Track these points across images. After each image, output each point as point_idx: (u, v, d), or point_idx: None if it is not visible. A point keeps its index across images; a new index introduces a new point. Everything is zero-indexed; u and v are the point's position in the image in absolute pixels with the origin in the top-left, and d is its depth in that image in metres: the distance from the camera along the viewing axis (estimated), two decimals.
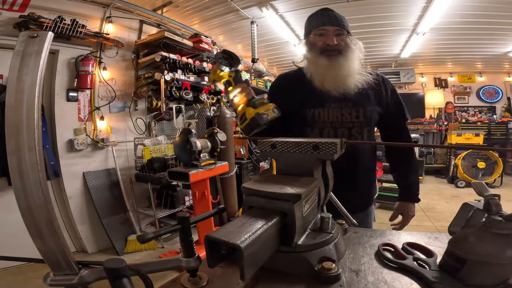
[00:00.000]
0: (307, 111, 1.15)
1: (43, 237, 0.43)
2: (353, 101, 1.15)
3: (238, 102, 0.89)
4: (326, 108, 1.14)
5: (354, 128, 1.15)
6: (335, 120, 1.14)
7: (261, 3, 3.47)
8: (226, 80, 0.91)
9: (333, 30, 1.11)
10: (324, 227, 0.61)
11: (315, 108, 1.14)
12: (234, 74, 0.91)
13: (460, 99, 6.87)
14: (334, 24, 1.11)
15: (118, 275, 0.40)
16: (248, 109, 0.86)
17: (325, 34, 1.12)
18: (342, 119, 1.14)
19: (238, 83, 0.90)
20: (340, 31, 1.12)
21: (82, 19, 2.89)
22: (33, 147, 0.41)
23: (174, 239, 3.28)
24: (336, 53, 1.11)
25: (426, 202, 4.51)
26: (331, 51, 1.11)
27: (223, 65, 0.91)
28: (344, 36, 1.13)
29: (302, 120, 1.16)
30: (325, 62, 1.11)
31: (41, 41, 0.44)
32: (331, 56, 1.11)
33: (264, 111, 0.86)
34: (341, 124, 1.14)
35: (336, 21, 1.12)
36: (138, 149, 3.26)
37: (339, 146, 0.63)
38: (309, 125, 1.15)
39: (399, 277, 0.53)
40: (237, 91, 0.89)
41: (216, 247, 0.47)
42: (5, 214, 2.48)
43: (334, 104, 1.14)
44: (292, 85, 1.22)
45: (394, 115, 1.26)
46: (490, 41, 4.66)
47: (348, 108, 1.14)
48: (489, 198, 0.52)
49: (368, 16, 3.83)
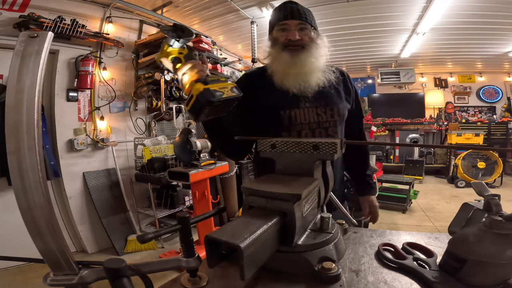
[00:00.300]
0: (281, 113, 1.06)
1: (43, 237, 0.43)
2: (326, 99, 1.10)
3: (187, 81, 0.74)
4: (302, 108, 1.07)
5: (330, 128, 1.10)
6: (312, 121, 1.07)
7: (261, 3, 3.47)
8: (174, 56, 0.76)
9: (295, 24, 1.05)
10: (324, 227, 0.61)
11: (291, 109, 1.06)
12: (186, 51, 0.76)
13: (460, 99, 6.87)
14: (296, 18, 1.05)
15: (118, 275, 0.40)
16: (196, 85, 0.69)
17: (287, 28, 1.05)
18: (319, 119, 1.08)
19: (190, 60, 0.75)
20: (303, 25, 1.05)
21: (82, 19, 2.89)
22: (33, 147, 0.41)
23: (174, 239, 3.28)
24: (299, 48, 1.05)
25: (426, 202, 4.51)
26: (294, 46, 1.04)
27: (170, 37, 0.75)
28: (307, 30, 1.06)
29: (277, 122, 1.07)
30: (287, 57, 1.04)
31: (41, 41, 0.44)
32: (293, 52, 1.04)
33: (218, 88, 0.69)
34: (317, 124, 1.08)
35: (298, 14, 1.05)
36: (138, 149, 3.26)
37: (339, 146, 0.63)
38: (286, 128, 1.07)
39: (399, 277, 0.53)
40: (187, 68, 0.74)
41: (216, 247, 0.47)
42: (5, 214, 2.48)
43: (308, 103, 1.08)
44: (259, 84, 1.11)
45: (357, 114, 1.25)
46: (490, 41, 4.66)
47: (323, 107, 1.09)
48: (489, 198, 0.52)
49: (368, 16, 3.83)
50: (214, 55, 4.13)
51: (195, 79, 0.71)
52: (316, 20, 1.16)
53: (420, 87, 7.00)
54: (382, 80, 6.59)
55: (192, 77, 0.72)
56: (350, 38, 4.63)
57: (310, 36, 1.07)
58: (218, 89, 0.68)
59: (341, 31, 4.31)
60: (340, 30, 4.27)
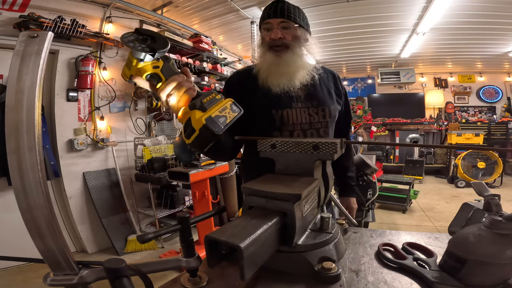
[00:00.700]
0: (273, 112, 1.04)
1: (43, 237, 0.43)
2: (318, 99, 1.09)
3: (177, 105, 0.62)
4: (294, 108, 1.05)
5: (322, 129, 1.08)
6: (304, 121, 1.06)
7: (261, 3, 3.47)
8: (149, 73, 0.61)
9: (277, 23, 1.02)
10: (324, 227, 0.61)
11: (283, 109, 1.04)
12: (161, 62, 0.61)
13: (460, 99, 6.87)
14: (278, 16, 1.02)
15: (118, 275, 0.40)
16: (193, 113, 0.58)
17: (271, 28, 1.04)
18: (310, 119, 1.07)
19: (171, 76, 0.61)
20: (286, 24, 1.03)
21: (82, 19, 2.89)
22: (33, 147, 0.41)
23: (174, 239, 3.28)
24: (282, 48, 1.03)
25: (426, 202, 4.51)
26: (277, 46, 1.02)
27: (139, 51, 0.59)
28: (291, 29, 1.03)
29: (269, 122, 1.05)
30: (270, 57, 1.03)
31: (41, 41, 0.44)
32: (277, 52, 1.03)
33: (219, 112, 0.58)
34: (309, 125, 1.06)
35: (281, 12, 1.02)
36: (138, 149, 3.26)
37: (339, 146, 0.63)
38: (278, 128, 1.05)
39: (399, 277, 0.53)
40: (171, 88, 0.61)
41: (216, 247, 0.47)
42: (5, 214, 2.48)
43: (300, 103, 1.07)
44: (251, 83, 1.09)
45: (346, 116, 1.25)
46: (490, 41, 4.66)
47: (314, 108, 1.07)
48: (489, 198, 0.52)
49: (368, 16, 3.83)
50: (214, 55, 4.13)
51: (188, 103, 0.60)
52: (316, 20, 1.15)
53: (420, 87, 7.00)
54: (382, 80, 6.59)
55: (182, 99, 0.61)
56: (350, 38, 4.63)
57: (294, 35, 1.04)
58: (219, 113, 0.58)
59: (341, 31, 4.31)
60: (340, 30, 4.27)
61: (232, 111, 0.60)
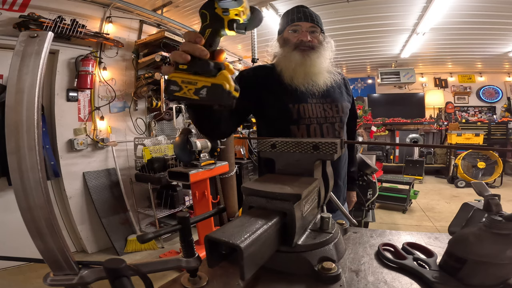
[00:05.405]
0: (290, 107, 1.10)
1: (43, 237, 0.43)
2: (331, 96, 1.16)
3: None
4: (310, 103, 1.12)
5: (337, 123, 1.15)
6: (320, 116, 1.12)
7: (261, 3, 3.47)
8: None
9: (307, 27, 1.12)
10: (324, 227, 0.61)
11: (300, 103, 1.10)
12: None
13: (460, 99, 6.87)
14: (308, 21, 1.12)
15: (118, 275, 0.40)
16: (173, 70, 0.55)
17: (299, 30, 1.12)
18: (325, 114, 1.13)
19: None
20: (314, 28, 1.13)
21: (82, 19, 2.89)
22: (33, 147, 0.41)
23: (174, 239, 3.28)
24: (309, 49, 1.11)
25: (426, 202, 4.51)
26: (305, 47, 1.10)
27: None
28: (317, 33, 1.14)
29: (286, 116, 1.10)
30: (298, 57, 1.09)
31: (41, 41, 0.44)
32: (304, 52, 1.10)
33: (187, 82, 0.53)
34: (325, 119, 1.13)
35: (310, 17, 1.12)
36: (138, 149, 3.26)
37: (339, 146, 0.63)
38: (295, 121, 1.10)
39: (399, 277, 0.53)
40: None
41: (216, 247, 0.47)
42: (5, 214, 2.48)
43: (315, 99, 1.13)
44: (268, 79, 1.14)
45: (353, 115, 1.34)
46: (490, 41, 4.66)
47: (329, 104, 1.15)
48: (489, 198, 0.52)
49: (368, 16, 3.83)
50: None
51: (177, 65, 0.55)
52: None
53: (420, 87, 7.00)
54: (382, 80, 6.59)
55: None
56: (350, 38, 4.63)
57: (319, 39, 1.13)
58: (182, 84, 0.53)
59: (341, 31, 4.31)
60: (340, 30, 4.27)
61: (196, 94, 0.53)
